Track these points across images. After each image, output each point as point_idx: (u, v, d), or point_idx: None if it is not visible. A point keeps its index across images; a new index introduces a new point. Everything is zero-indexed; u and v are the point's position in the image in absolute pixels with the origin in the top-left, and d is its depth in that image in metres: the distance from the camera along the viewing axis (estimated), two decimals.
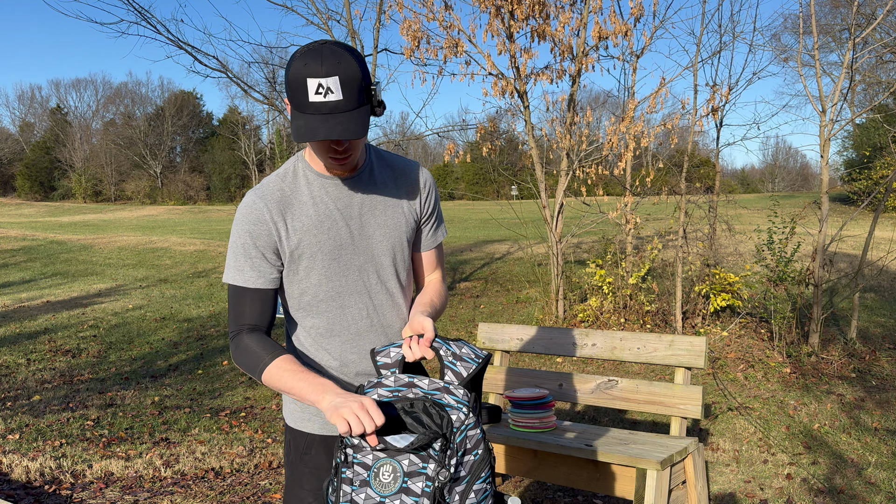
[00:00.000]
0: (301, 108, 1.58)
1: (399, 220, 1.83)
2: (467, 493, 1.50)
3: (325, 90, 1.54)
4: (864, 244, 6.26)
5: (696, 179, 8.92)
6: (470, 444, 1.51)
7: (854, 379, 5.47)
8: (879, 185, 12.39)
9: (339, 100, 1.56)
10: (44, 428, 4.97)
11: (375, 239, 1.80)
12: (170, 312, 9.21)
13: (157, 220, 29.32)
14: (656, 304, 7.21)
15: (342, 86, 1.55)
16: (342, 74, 1.54)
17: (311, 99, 1.55)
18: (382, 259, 1.81)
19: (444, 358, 1.59)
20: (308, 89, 1.55)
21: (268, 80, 8.69)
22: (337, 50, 1.56)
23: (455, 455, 1.48)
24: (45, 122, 62.59)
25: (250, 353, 1.71)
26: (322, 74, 1.53)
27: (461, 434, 1.49)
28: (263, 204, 1.72)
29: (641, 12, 7.12)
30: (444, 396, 1.52)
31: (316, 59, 1.54)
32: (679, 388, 3.40)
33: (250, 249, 1.73)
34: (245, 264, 1.74)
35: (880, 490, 3.73)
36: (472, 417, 1.52)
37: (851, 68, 6.24)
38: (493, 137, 8.06)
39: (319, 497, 1.82)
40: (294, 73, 1.56)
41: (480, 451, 1.52)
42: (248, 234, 1.73)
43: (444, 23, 7.41)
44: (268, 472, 4.21)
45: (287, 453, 1.89)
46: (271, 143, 55.28)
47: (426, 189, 1.88)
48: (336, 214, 1.76)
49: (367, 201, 1.79)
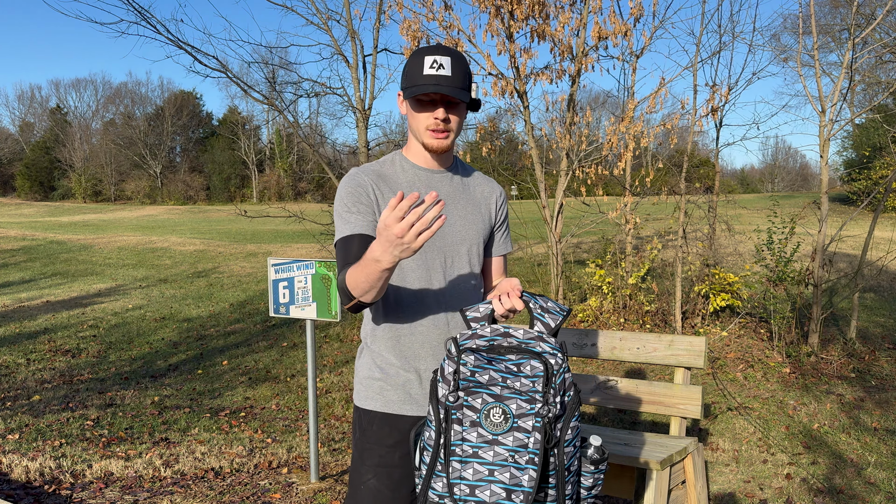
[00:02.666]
0: (415, 81, 1.80)
1: (477, 218, 2.01)
2: (566, 428, 1.65)
3: (439, 66, 1.79)
4: (864, 244, 6.26)
5: (695, 179, 8.93)
6: (566, 384, 1.65)
7: (854, 379, 5.47)
8: (879, 186, 12.40)
9: (449, 75, 1.80)
10: (43, 428, 4.97)
11: (456, 228, 1.96)
12: (170, 312, 9.21)
13: (156, 220, 29.32)
14: (656, 304, 7.21)
15: (453, 65, 1.80)
16: (454, 57, 1.81)
17: (426, 72, 1.79)
18: (460, 247, 1.96)
19: (534, 311, 1.74)
20: (424, 64, 1.79)
21: (268, 80, 8.68)
22: (450, 49, 1.84)
23: (558, 394, 1.62)
24: (45, 122, 62.59)
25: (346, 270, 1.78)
26: (438, 53, 1.80)
27: (560, 376, 1.63)
28: (364, 174, 1.91)
29: (641, 12, 7.12)
30: (538, 344, 1.66)
31: (433, 48, 1.82)
32: (679, 388, 3.40)
33: (352, 206, 1.87)
34: (350, 217, 1.87)
35: (880, 490, 3.73)
36: (565, 362, 1.66)
37: (851, 68, 6.24)
38: (493, 137, 8.06)
39: (380, 474, 1.90)
40: (413, 58, 1.83)
41: (573, 392, 1.67)
42: (350, 195, 1.88)
43: (444, 23, 7.41)
44: (267, 472, 4.21)
45: (353, 432, 1.98)
46: (271, 143, 55.26)
47: (501, 200, 2.10)
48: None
49: (453, 195, 1.98)
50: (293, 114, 10.40)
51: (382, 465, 1.89)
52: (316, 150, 9.14)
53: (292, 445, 4.67)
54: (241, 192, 53.17)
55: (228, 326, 8.46)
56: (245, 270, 12.61)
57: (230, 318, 8.86)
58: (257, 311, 9.22)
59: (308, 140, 9.25)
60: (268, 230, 20.22)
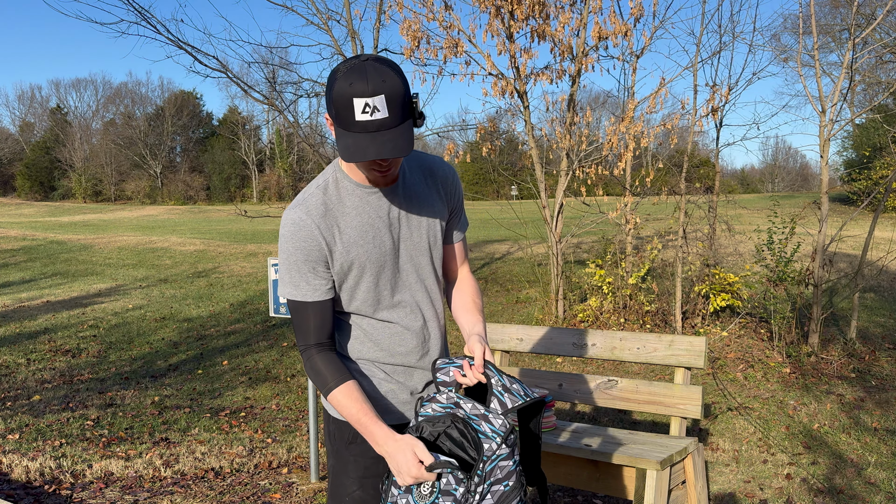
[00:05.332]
0: (347, 127, 1.59)
1: (433, 219, 1.90)
2: None
3: (372, 109, 1.56)
4: (864, 244, 6.26)
5: (695, 179, 8.93)
6: (501, 474, 1.59)
7: (854, 379, 5.47)
8: (879, 186, 12.40)
9: (386, 117, 1.57)
10: (44, 428, 4.97)
11: (414, 241, 1.87)
12: (170, 312, 9.21)
13: (157, 220, 29.32)
14: (656, 304, 7.21)
15: (388, 103, 1.56)
16: (388, 92, 1.56)
17: (358, 118, 1.57)
18: (422, 259, 1.89)
19: (494, 387, 1.67)
20: (354, 108, 1.56)
21: (268, 80, 8.68)
22: (379, 67, 1.57)
23: (483, 483, 1.56)
24: (45, 122, 62.58)
25: (319, 375, 1.79)
26: (368, 94, 1.55)
27: (492, 463, 1.58)
28: (311, 220, 1.75)
29: (641, 12, 7.12)
30: (481, 423, 1.60)
31: (361, 77, 1.55)
32: (679, 388, 3.40)
33: (302, 265, 1.77)
34: (300, 280, 1.78)
35: (880, 490, 3.73)
36: (506, 449, 1.59)
37: (851, 68, 6.24)
38: (493, 137, 8.06)
39: (365, 485, 1.89)
40: (339, 92, 1.57)
41: (512, 482, 1.59)
42: (299, 251, 1.76)
43: (444, 23, 7.41)
44: (267, 472, 4.21)
45: (331, 443, 1.95)
46: (271, 143, 55.27)
47: (453, 184, 1.95)
48: (379, 223, 1.81)
49: (405, 206, 1.85)
50: (293, 114, 10.40)
51: (368, 476, 1.87)
52: (316, 150, 9.14)
53: (292, 445, 4.67)
54: (242, 192, 53.18)
55: (228, 326, 8.46)
56: (245, 270, 12.61)
57: (230, 318, 8.86)
58: (257, 311, 9.22)
59: (308, 140, 9.25)
60: (268, 230, 20.22)
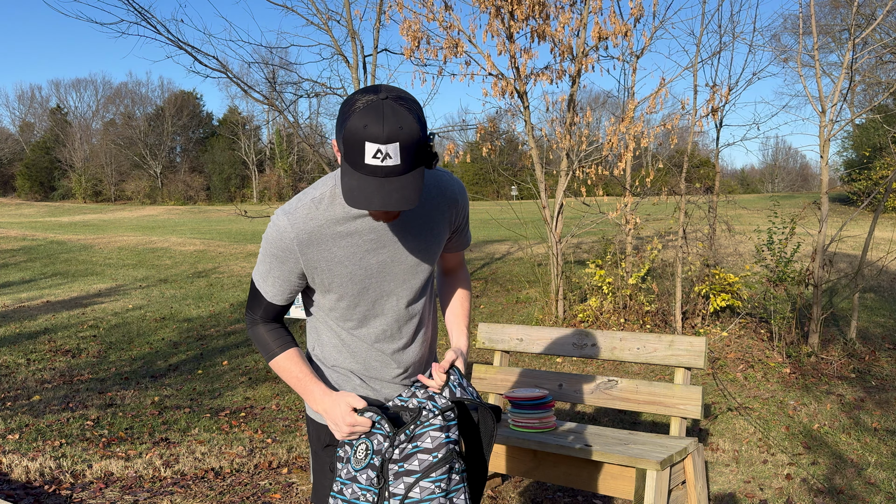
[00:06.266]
0: (354, 167, 1.52)
1: (433, 240, 1.81)
2: (413, 486, 1.63)
3: (384, 155, 1.48)
4: (864, 244, 6.26)
5: (695, 180, 8.92)
6: (430, 443, 1.64)
7: (854, 379, 5.47)
8: (879, 186, 12.41)
9: (397, 165, 1.50)
10: (44, 428, 4.97)
11: (409, 263, 1.79)
12: (170, 312, 9.21)
13: (157, 220, 29.32)
14: (656, 304, 7.21)
15: (401, 151, 1.49)
16: (403, 140, 1.48)
17: (368, 161, 1.49)
18: (414, 281, 1.81)
19: (451, 382, 1.77)
20: (366, 152, 1.48)
21: (268, 80, 8.68)
22: (398, 110, 1.48)
23: (408, 442, 1.65)
24: (45, 122, 62.60)
25: (263, 341, 1.85)
26: (382, 140, 1.47)
27: (422, 428, 1.66)
28: (294, 234, 1.69)
29: (641, 13, 7.12)
30: (426, 402, 1.71)
31: (377, 120, 1.47)
32: (679, 388, 3.40)
33: (275, 270, 1.76)
34: (269, 278, 1.79)
35: (880, 490, 3.73)
36: (440, 421, 1.66)
37: (851, 69, 6.24)
38: (493, 138, 8.06)
39: None
40: (352, 130, 1.48)
41: (441, 455, 1.65)
42: (275, 258, 1.74)
43: (444, 23, 7.41)
44: (268, 472, 4.21)
45: (312, 443, 1.96)
46: (271, 143, 55.28)
47: (462, 204, 1.86)
48: (371, 245, 1.74)
49: (404, 226, 1.76)
50: (293, 114, 10.40)
51: None
52: (316, 151, 9.14)
53: (292, 445, 4.67)
54: (242, 193, 53.19)
55: (229, 326, 8.46)
56: (245, 270, 12.61)
57: (230, 318, 8.86)
58: None
59: (308, 140, 9.25)
60: None
